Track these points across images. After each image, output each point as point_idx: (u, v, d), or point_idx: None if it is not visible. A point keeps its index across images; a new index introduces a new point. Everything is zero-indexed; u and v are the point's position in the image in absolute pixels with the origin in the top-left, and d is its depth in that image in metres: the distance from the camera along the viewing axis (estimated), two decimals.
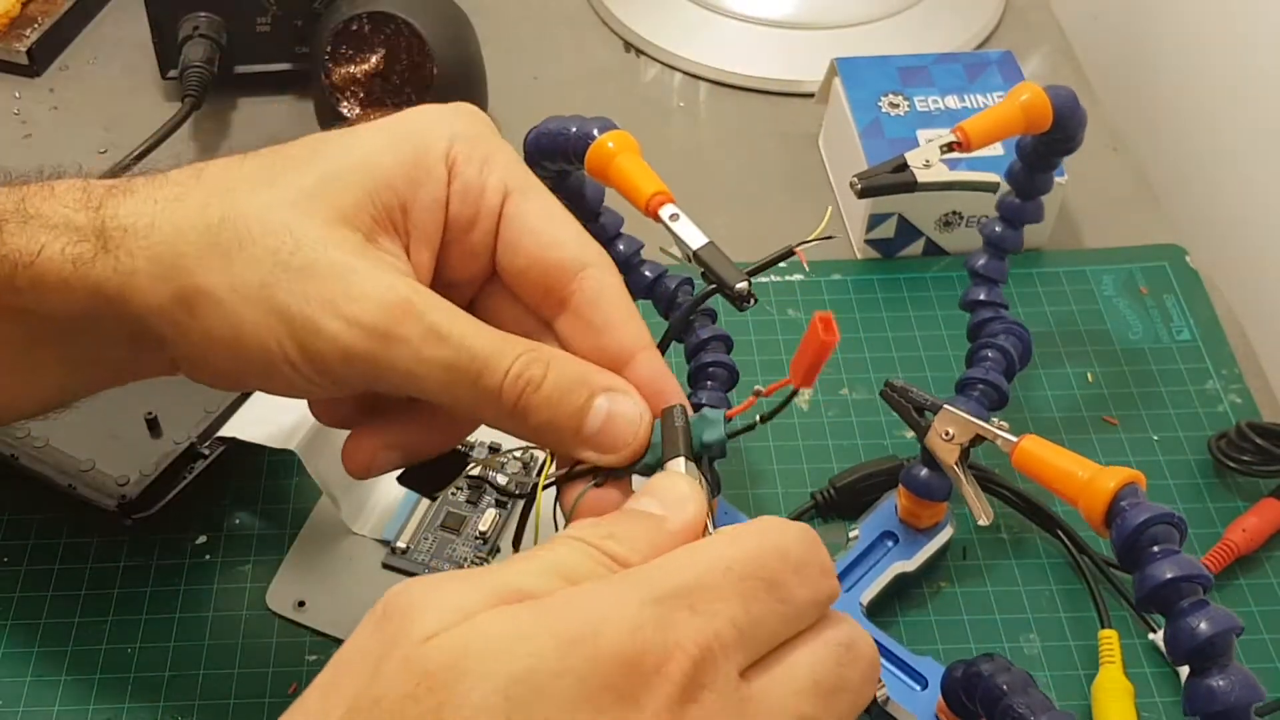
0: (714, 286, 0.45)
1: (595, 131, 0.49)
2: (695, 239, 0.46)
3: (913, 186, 0.53)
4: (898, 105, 0.71)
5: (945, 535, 0.55)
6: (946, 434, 0.46)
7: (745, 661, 0.33)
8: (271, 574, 0.56)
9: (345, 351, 0.39)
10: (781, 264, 0.46)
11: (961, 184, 0.54)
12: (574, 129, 0.50)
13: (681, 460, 0.39)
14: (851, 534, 0.55)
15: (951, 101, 0.70)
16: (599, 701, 0.30)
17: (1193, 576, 0.39)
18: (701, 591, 0.32)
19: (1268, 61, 0.77)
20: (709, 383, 0.52)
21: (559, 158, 0.51)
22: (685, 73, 0.82)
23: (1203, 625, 0.39)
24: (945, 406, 0.45)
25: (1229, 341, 0.66)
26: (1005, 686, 0.45)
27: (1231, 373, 0.64)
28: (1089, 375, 0.64)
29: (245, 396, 0.57)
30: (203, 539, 0.57)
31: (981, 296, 0.57)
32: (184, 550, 0.57)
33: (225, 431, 0.55)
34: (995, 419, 0.45)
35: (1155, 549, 0.40)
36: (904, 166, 0.53)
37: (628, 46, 0.84)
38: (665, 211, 0.47)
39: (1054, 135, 0.55)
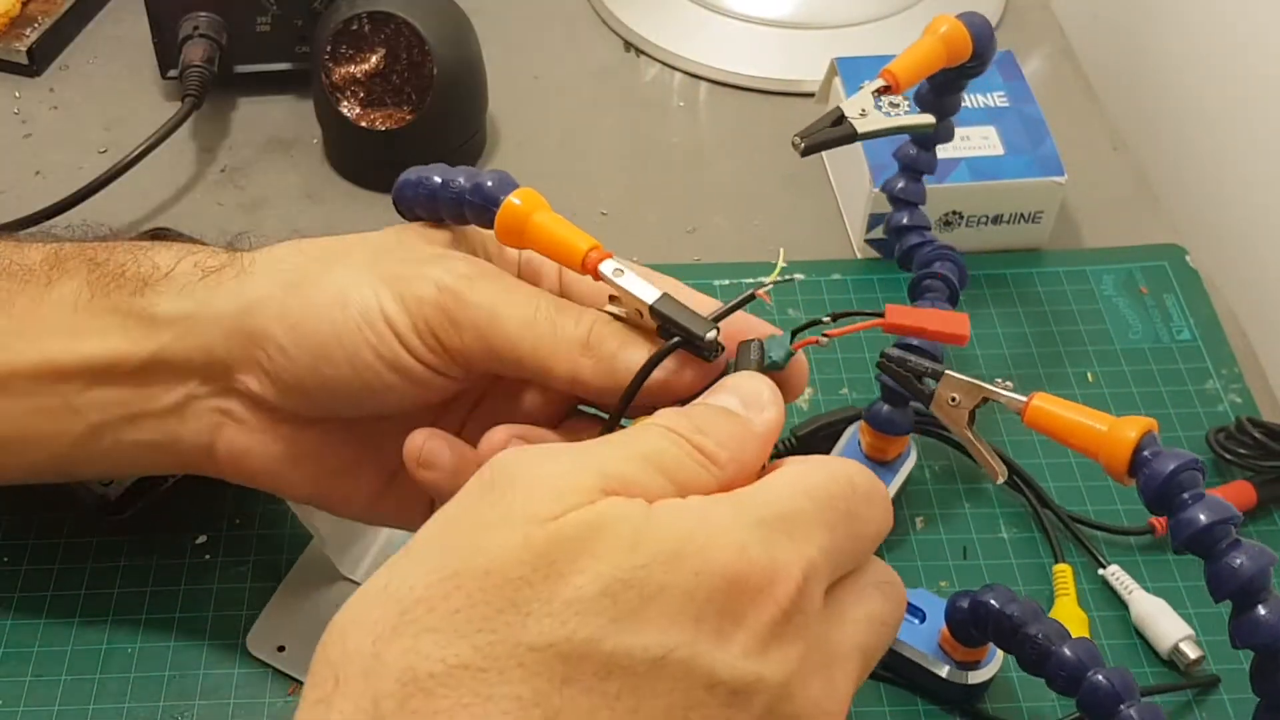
0: (677, 341, 0.41)
1: (495, 190, 0.45)
2: (647, 293, 0.41)
3: (853, 137, 0.54)
4: (898, 105, 0.70)
5: (910, 463, 0.58)
6: (953, 399, 0.47)
7: (825, 588, 0.34)
8: (271, 574, 0.56)
9: (440, 288, 0.42)
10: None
11: (899, 128, 0.56)
12: (460, 181, 0.45)
13: None
14: None
15: None
16: (701, 613, 0.31)
17: (1226, 519, 0.41)
18: (797, 518, 0.34)
19: (1268, 61, 0.77)
20: None
21: (443, 213, 0.47)
22: (685, 72, 0.82)
23: (1243, 562, 0.40)
24: (948, 372, 0.46)
25: (1229, 341, 0.66)
26: (1019, 616, 0.46)
27: (1231, 372, 0.64)
28: (1089, 375, 0.64)
29: None
30: (203, 539, 0.57)
31: (905, 221, 0.60)
32: (184, 550, 0.57)
33: None
34: (998, 379, 0.46)
35: (1186, 495, 0.41)
36: (842, 118, 0.54)
37: (628, 46, 0.84)
38: (607, 267, 0.42)
39: (969, 63, 0.56)
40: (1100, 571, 0.57)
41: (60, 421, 0.46)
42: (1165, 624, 0.54)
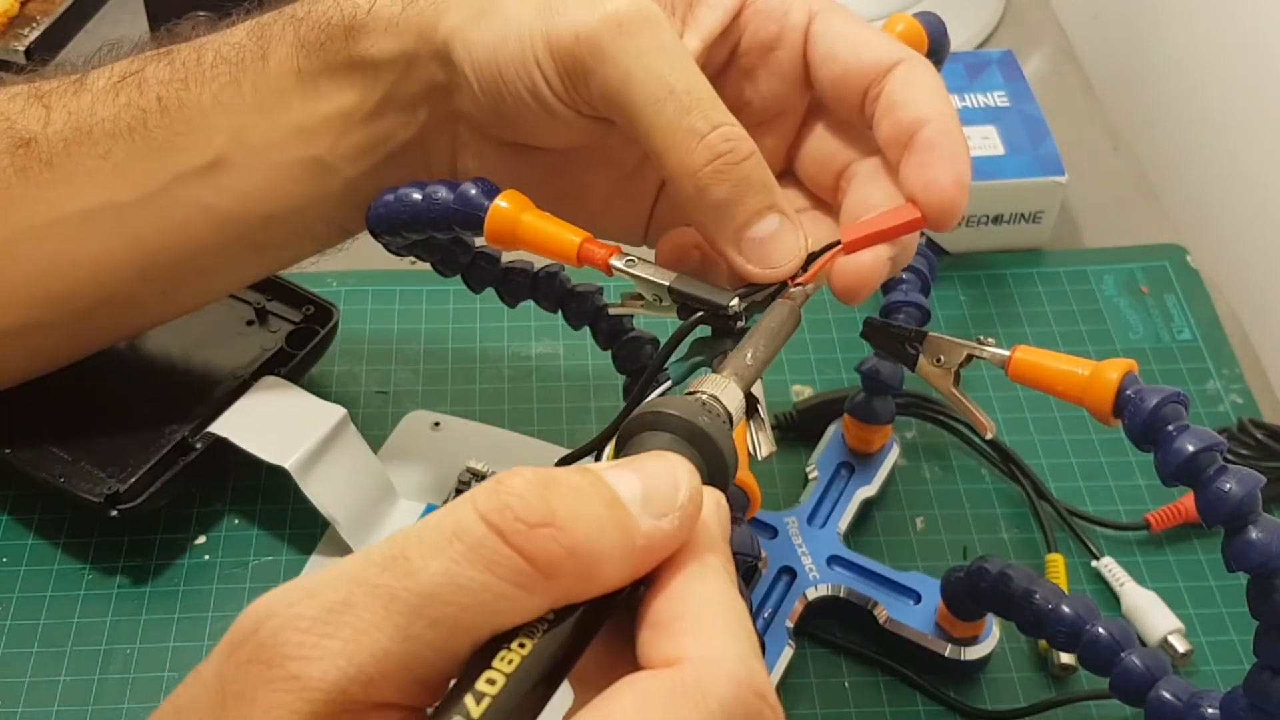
0: (699, 316, 0.42)
1: (480, 197, 0.45)
2: (664, 276, 0.43)
3: None
4: None
5: (894, 455, 0.59)
6: (938, 360, 0.47)
7: None
8: (271, 575, 0.56)
9: (578, 36, 0.42)
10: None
11: None
12: (443, 193, 0.46)
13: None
14: (810, 473, 0.58)
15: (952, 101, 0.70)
16: None
17: (1212, 446, 0.41)
18: None
19: (1269, 60, 0.77)
20: None
21: (427, 229, 0.47)
22: None
23: (1232, 487, 0.41)
24: (930, 334, 0.46)
25: (1230, 341, 0.66)
26: (1015, 580, 0.48)
27: (1232, 373, 0.64)
28: None
29: (239, 391, 0.56)
30: (202, 539, 0.57)
31: None
32: (184, 550, 0.57)
33: (217, 429, 0.54)
34: (980, 336, 0.46)
35: (1170, 427, 0.41)
36: None
37: None
38: (619, 261, 0.43)
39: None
40: (1093, 564, 0.57)
41: (321, 182, 0.49)
42: (1155, 617, 0.54)
